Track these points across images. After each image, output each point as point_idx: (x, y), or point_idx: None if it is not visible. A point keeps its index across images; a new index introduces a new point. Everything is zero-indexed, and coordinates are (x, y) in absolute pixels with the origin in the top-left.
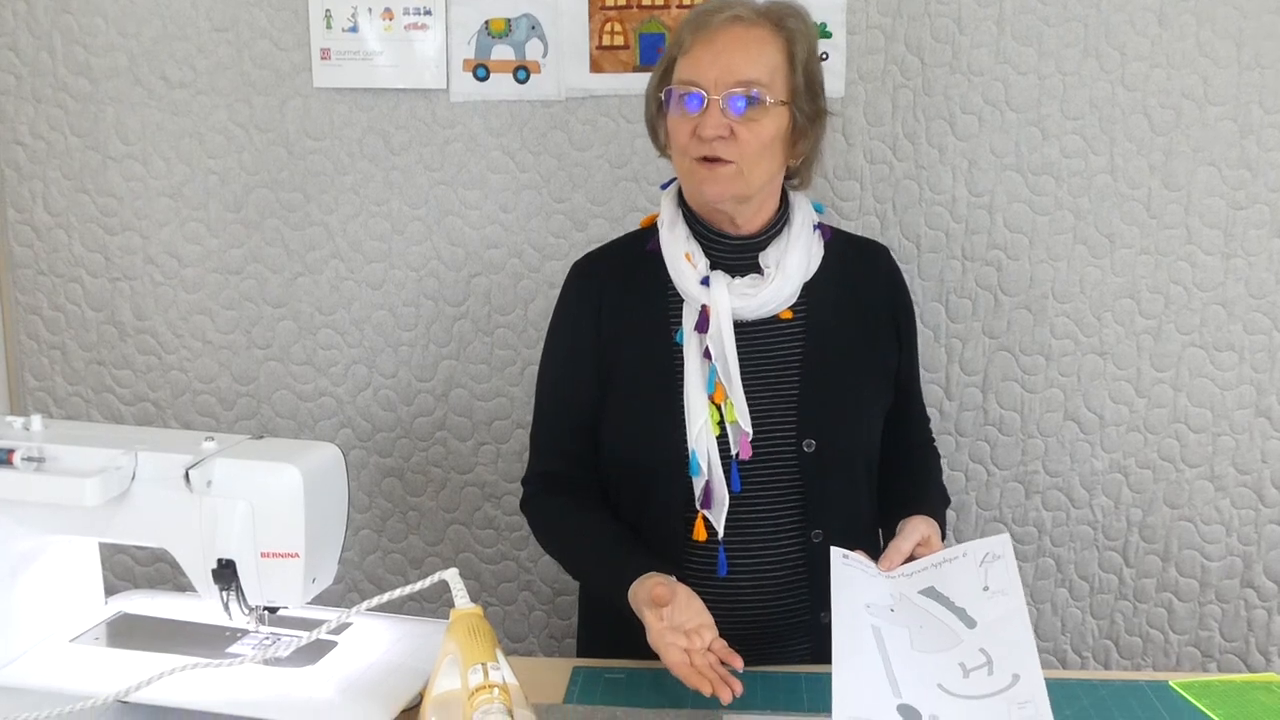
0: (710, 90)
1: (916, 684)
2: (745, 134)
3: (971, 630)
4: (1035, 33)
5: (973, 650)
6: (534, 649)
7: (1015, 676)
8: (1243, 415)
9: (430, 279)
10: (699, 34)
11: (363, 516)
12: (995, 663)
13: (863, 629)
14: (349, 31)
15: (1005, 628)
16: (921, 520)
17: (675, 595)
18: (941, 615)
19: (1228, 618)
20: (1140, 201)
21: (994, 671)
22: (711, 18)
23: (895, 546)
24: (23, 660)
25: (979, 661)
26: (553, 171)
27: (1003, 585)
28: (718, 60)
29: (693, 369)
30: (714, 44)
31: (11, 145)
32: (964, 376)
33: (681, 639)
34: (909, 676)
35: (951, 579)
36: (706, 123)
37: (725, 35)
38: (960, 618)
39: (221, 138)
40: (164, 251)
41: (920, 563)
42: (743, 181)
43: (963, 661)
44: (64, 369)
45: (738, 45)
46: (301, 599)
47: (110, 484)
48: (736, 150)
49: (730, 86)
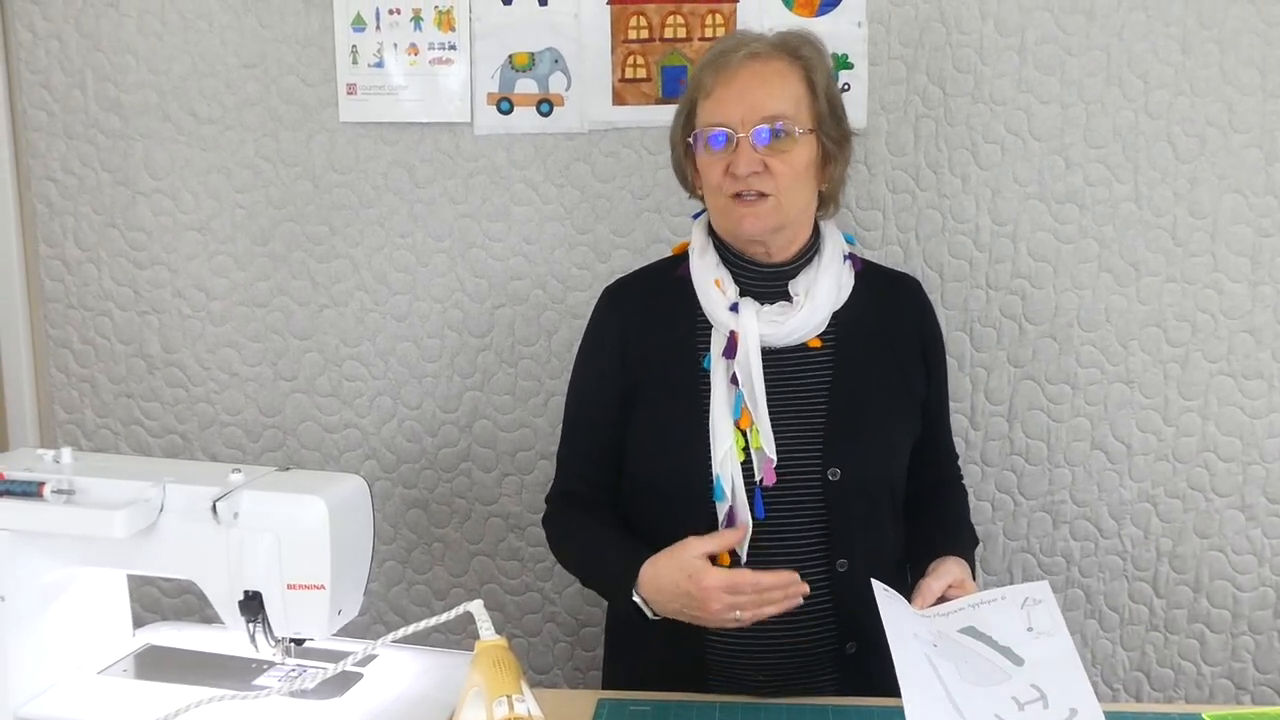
0: (737, 128)
1: (977, 714)
2: (778, 166)
3: (1020, 668)
4: (1057, 62)
5: (1024, 686)
6: (559, 681)
7: (1073, 710)
8: (1273, 444)
9: (454, 310)
10: (719, 75)
11: (388, 548)
12: (1050, 698)
13: (919, 655)
14: (375, 67)
15: (1057, 666)
16: (955, 562)
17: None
18: (985, 653)
19: (1261, 649)
20: (1165, 229)
21: (1049, 705)
22: (728, 58)
23: (927, 586)
24: (51, 692)
25: (1032, 696)
26: (576, 203)
27: (1048, 628)
28: (742, 98)
29: (719, 394)
30: (734, 82)
31: (43, 181)
32: (989, 406)
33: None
34: (968, 706)
35: (992, 620)
36: (739, 160)
37: (744, 72)
38: (1006, 655)
39: (249, 172)
40: (192, 285)
41: (955, 604)
42: (780, 213)
43: (1015, 696)
44: (93, 402)
45: (758, 81)
46: (327, 630)
47: (138, 516)
48: (772, 183)
49: (756, 122)
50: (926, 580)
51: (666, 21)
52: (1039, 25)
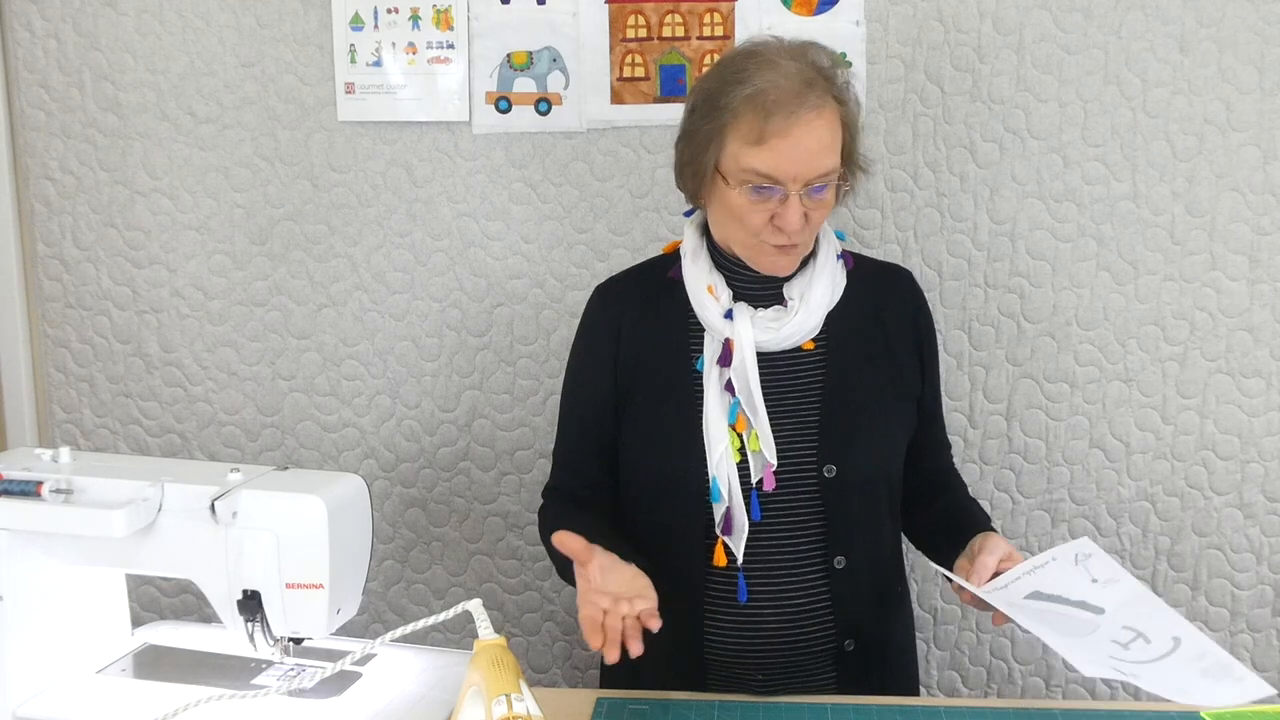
0: (789, 184)
1: (1095, 656)
2: (816, 216)
3: (1103, 615)
4: (1055, 60)
5: (1116, 629)
6: (558, 680)
7: (1176, 640)
8: (1271, 442)
9: (453, 310)
10: (770, 122)
11: (386, 547)
12: (1147, 634)
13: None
14: (373, 66)
15: (1138, 605)
16: (999, 538)
17: (593, 557)
18: (1064, 610)
19: (1259, 647)
20: (1164, 228)
21: (1151, 640)
22: (789, 115)
23: (982, 563)
24: (49, 692)
25: (1130, 636)
26: (574, 202)
27: (1109, 575)
28: (796, 154)
29: (713, 398)
30: (791, 134)
31: (41, 180)
32: (988, 404)
33: (605, 600)
34: (1084, 654)
35: (1053, 580)
36: (789, 216)
37: (801, 128)
38: (1084, 608)
39: (247, 172)
40: (190, 284)
41: (1010, 575)
42: (805, 250)
43: (1114, 639)
44: (91, 401)
45: (812, 135)
46: (326, 630)
47: (137, 516)
48: (808, 232)
49: (810, 179)
50: (980, 557)
51: (665, 20)
52: (1037, 24)
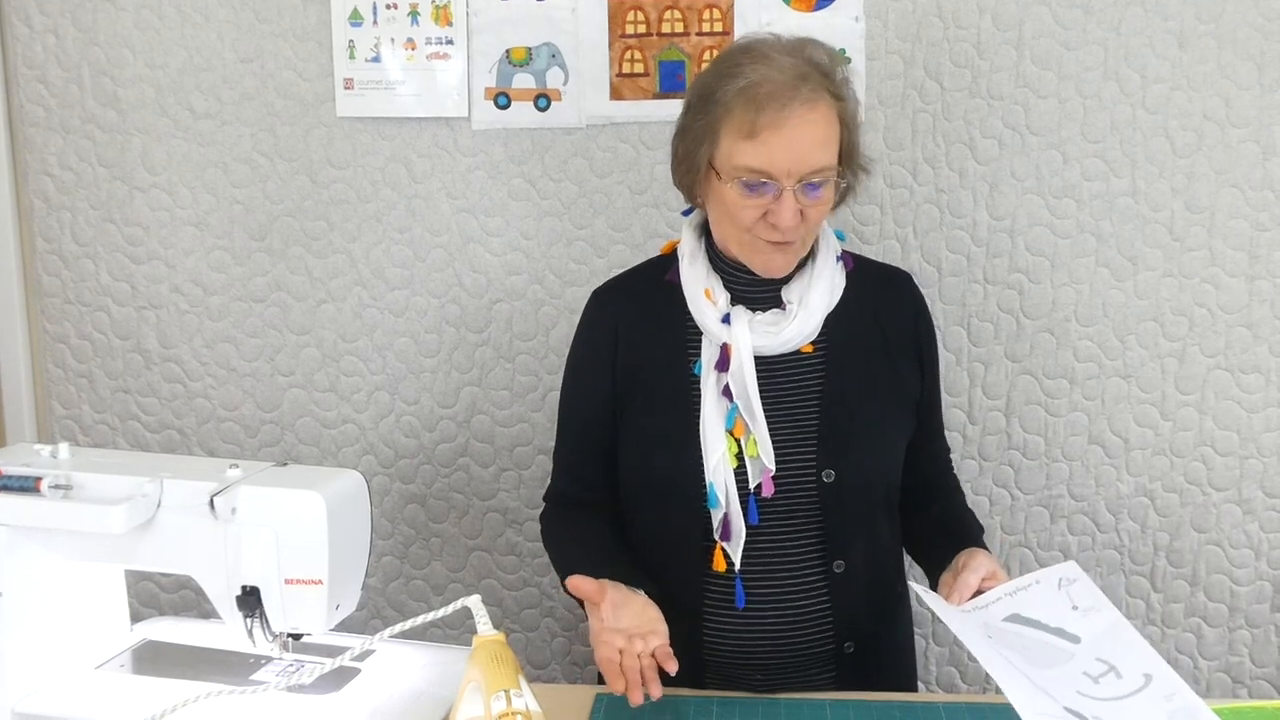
0: (782, 180)
1: (1062, 694)
2: (812, 213)
3: (1078, 645)
4: (1055, 56)
5: (1089, 660)
6: (556, 676)
7: (1147, 676)
8: (1270, 438)
9: (452, 306)
10: (762, 116)
11: (385, 543)
12: (1119, 668)
13: (991, 650)
14: (372, 61)
15: (1114, 637)
16: (985, 555)
17: (605, 596)
18: (1039, 637)
19: (1258, 643)
20: (1163, 224)
21: (1122, 675)
22: (781, 109)
23: (964, 581)
24: (48, 687)
25: (1102, 669)
26: (574, 198)
27: (1091, 603)
28: (789, 149)
29: (710, 403)
30: (783, 128)
31: (40, 176)
32: (986, 400)
33: (620, 640)
34: (1053, 689)
35: (1035, 604)
36: (782, 212)
37: (793, 120)
38: (1060, 636)
39: (246, 167)
40: (189, 280)
41: (992, 594)
42: (803, 250)
43: (1085, 671)
44: (90, 397)
45: (806, 129)
46: (325, 626)
47: (136, 511)
48: (805, 230)
49: (804, 175)
50: (962, 575)
51: (664, 16)
52: (1036, 20)
